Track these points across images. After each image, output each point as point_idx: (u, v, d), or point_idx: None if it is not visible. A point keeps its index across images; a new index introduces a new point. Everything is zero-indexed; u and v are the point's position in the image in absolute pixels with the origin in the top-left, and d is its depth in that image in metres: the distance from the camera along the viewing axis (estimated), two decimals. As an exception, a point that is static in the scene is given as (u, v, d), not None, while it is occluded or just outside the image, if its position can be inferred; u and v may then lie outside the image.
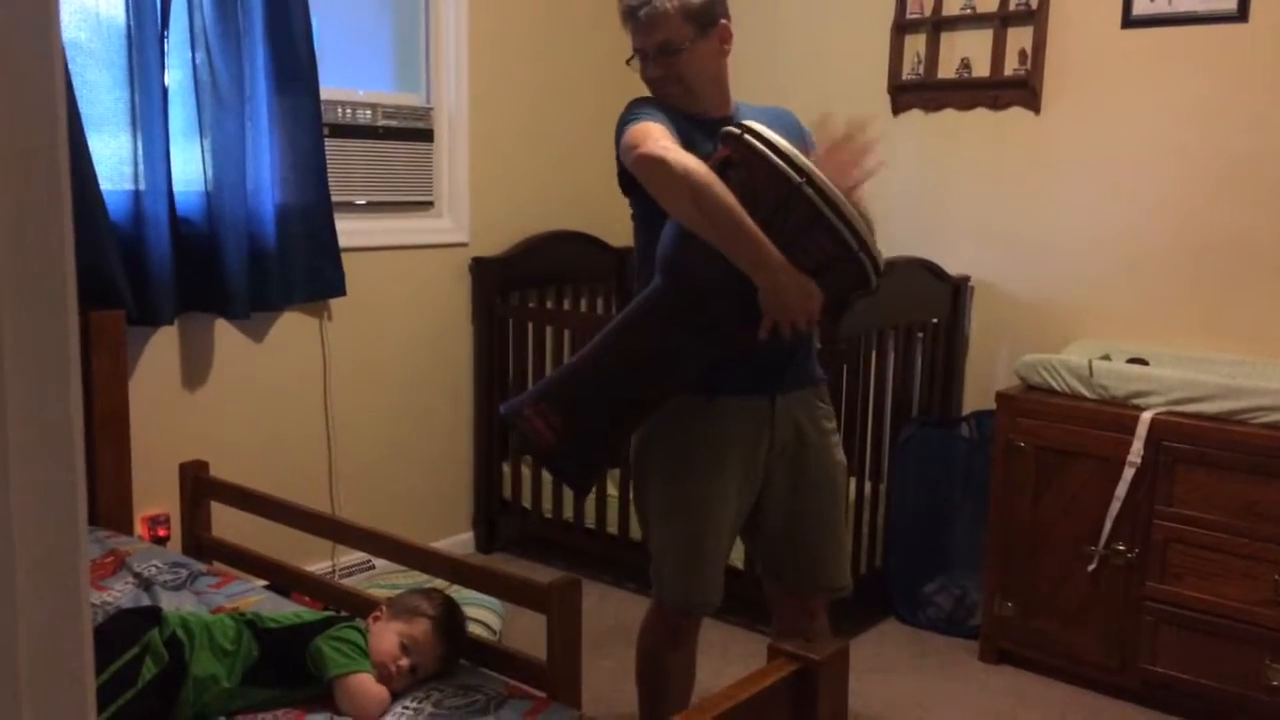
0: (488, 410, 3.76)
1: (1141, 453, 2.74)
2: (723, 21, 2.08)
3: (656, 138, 1.89)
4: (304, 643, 1.88)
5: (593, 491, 3.53)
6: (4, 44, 0.48)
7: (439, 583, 2.59)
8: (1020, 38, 3.34)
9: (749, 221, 1.79)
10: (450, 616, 1.99)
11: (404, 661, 1.88)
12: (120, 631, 1.83)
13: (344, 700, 1.82)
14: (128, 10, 2.74)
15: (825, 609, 2.29)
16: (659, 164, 1.84)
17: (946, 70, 3.50)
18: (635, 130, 1.94)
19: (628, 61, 2.11)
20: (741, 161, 1.81)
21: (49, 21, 0.50)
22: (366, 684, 1.84)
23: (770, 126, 2.09)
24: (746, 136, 1.81)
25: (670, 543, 2.12)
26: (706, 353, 1.96)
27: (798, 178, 1.76)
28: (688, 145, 1.94)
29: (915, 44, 3.55)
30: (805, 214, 1.77)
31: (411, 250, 3.57)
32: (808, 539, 2.18)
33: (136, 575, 2.35)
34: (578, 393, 1.96)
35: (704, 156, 1.90)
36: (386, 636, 1.91)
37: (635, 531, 3.42)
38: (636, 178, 1.92)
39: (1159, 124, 3.14)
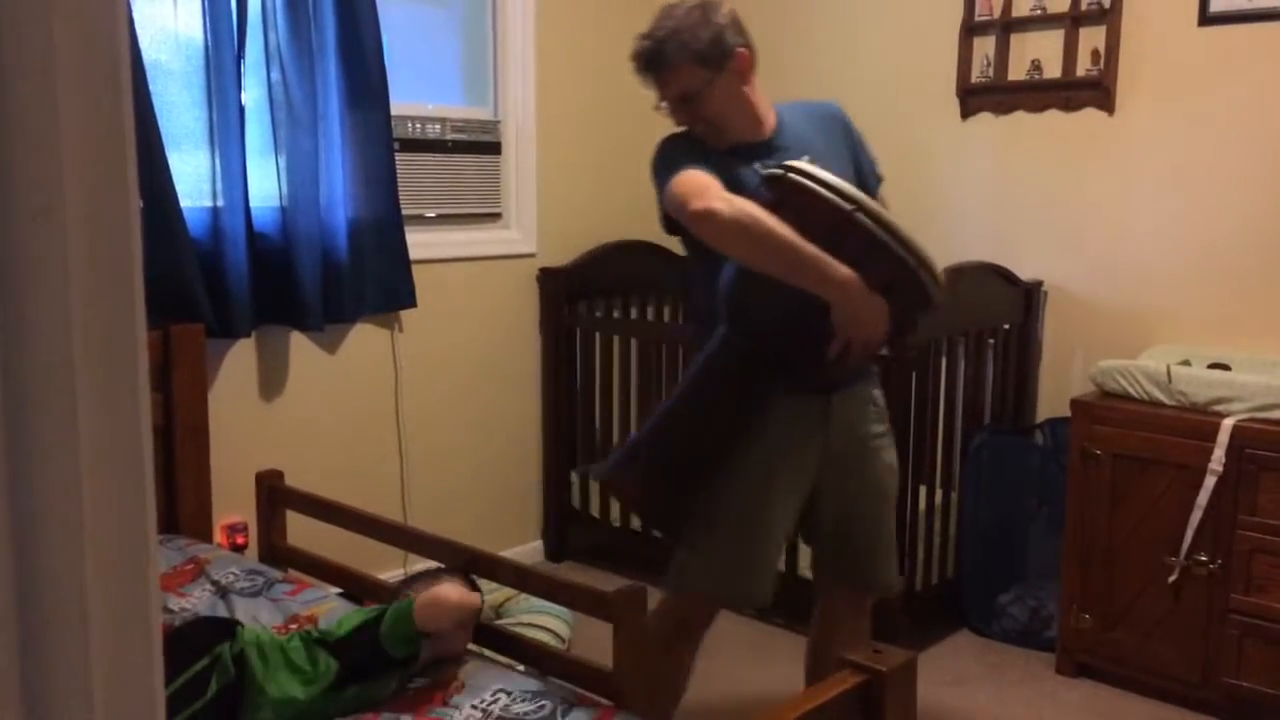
0: (556, 420, 3.79)
1: (1223, 461, 2.67)
2: (739, 51, 2.03)
3: (701, 189, 1.90)
4: (375, 640, 1.91)
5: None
6: (72, 63, 0.50)
7: (507, 590, 2.62)
8: (1093, 37, 3.28)
9: (809, 245, 1.81)
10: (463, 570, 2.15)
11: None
12: (194, 640, 1.88)
13: (433, 615, 1.91)
14: (206, 31, 2.82)
15: (870, 610, 2.34)
16: (714, 217, 1.87)
17: (1017, 72, 3.45)
18: (679, 184, 1.95)
19: (656, 108, 2.10)
20: (790, 200, 1.84)
21: (117, 39, 0.52)
22: (431, 595, 1.94)
23: (813, 128, 2.12)
24: (790, 175, 1.84)
25: (725, 533, 2.08)
26: (776, 390, 2.00)
27: (848, 206, 1.79)
28: (730, 181, 1.96)
29: (984, 46, 3.50)
30: (860, 240, 1.80)
31: (480, 261, 3.61)
32: (857, 541, 2.21)
33: (215, 582, 2.41)
34: (658, 455, 2.02)
35: (747, 186, 1.93)
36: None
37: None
38: (694, 234, 1.95)
39: (1238, 124, 3.05)
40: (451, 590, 1.99)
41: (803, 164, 1.88)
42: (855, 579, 2.27)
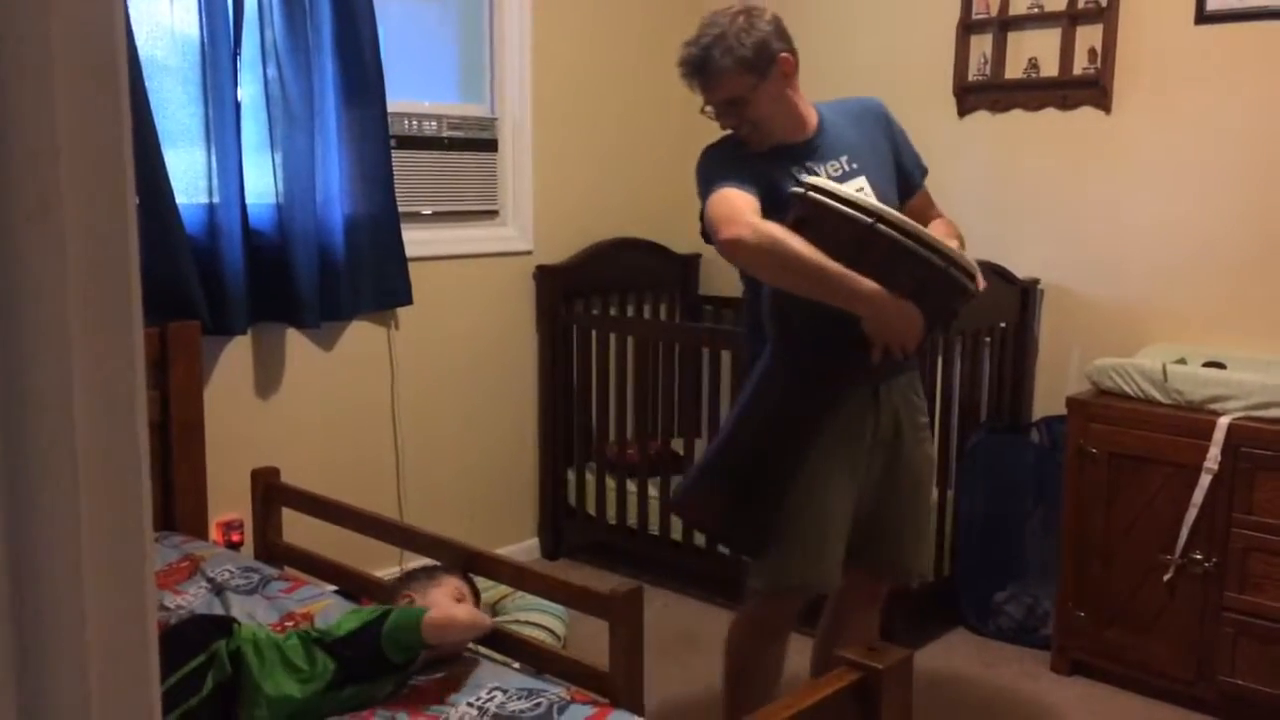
0: (553, 417, 3.79)
1: (1219, 459, 2.67)
2: (782, 55, 2.07)
3: (734, 215, 1.98)
4: (375, 642, 1.91)
5: (651, 495, 3.54)
6: (69, 60, 0.50)
7: (503, 587, 2.62)
8: (1089, 36, 3.28)
9: (834, 264, 1.89)
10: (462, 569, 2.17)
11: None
12: (191, 637, 1.87)
13: (442, 633, 1.92)
14: (202, 28, 2.82)
15: (881, 605, 2.39)
16: (740, 245, 1.96)
17: (1014, 70, 3.45)
18: (714, 205, 2.03)
19: (701, 111, 2.14)
20: (813, 217, 1.91)
21: (114, 36, 0.52)
22: (442, 611, 1.96)
23: (852, 125, 2.18)
24: (811, 194, 1.90)
25: (791, 525, 2.14)
26: (828, 394, 2.07)
27: (867, 219, 1.86)
28: (768, 187, 2.03)
29: (981, 44, 3.50)
30: (885, 248, 1.87)
31: (477, 259, 3.61)
32: (892, 527, 2.25)
33: (210, 580, 2.41)
34: (725, 474, 2.12)
35: (785, 190, 2.01)
36: (438, 602, 2.02)
37: (700, 538, 3.42)
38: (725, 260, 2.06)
39: (1234, 122, 3.06)
40: (462, 611, 1.98)
41: (820, 181, 1.94)
42: (883, 566, 2.31)
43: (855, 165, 2.14)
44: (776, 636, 2.29)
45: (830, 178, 2.10)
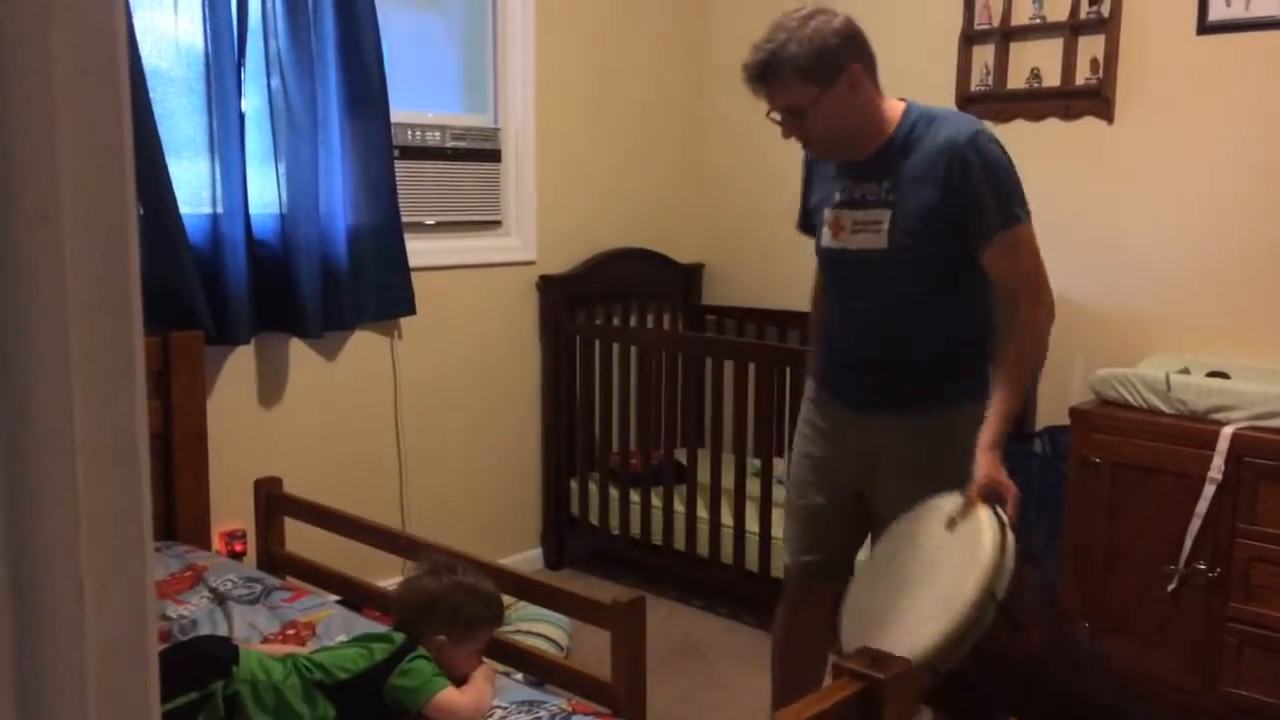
0: (555, 427, 3.79)
1: (1223, 469, 2.67)
2: (853, 66, 1.95)
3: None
4: (378, 687, 1.89)
5: (654, 505, 3.54)
6: (70, 69, 0.50)
7: (506, 597, 2.61)
8: (1092, 46, 3.28)
9: None
10: (496, 604, 2.06)
11: (486, 666, 2.01)
12: (189, 669, 1.82)
13: (444, 717, 1.87)
14: (206, 39, 2.83)
15: None
16: None
17: (1016, 80, 3.45)
18: None
19: (767, 115, 2.03)
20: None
21: (116, 46, 0.52)
22: (454, 696, 1.90)
23: (929, 151, 2.02)
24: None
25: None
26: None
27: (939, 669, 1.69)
28: (818, 192, 2.13)
29: (984, 54, 3.51)
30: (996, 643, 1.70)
31: (480, 269, 3.61)
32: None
33: (212, 590, 2.40)
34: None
35: (845, 200, 2.06)
36: (465, 660, 1.97)
37: (703, 548, 3.42)
38: None
39: (1237, 131, 3.06)
40: (466, 704, 1.91)
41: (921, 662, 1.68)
42: None
43: (892, 197, 1.99)
44: (794, 606, 2.36)
45: (853, 197, 2.03)
